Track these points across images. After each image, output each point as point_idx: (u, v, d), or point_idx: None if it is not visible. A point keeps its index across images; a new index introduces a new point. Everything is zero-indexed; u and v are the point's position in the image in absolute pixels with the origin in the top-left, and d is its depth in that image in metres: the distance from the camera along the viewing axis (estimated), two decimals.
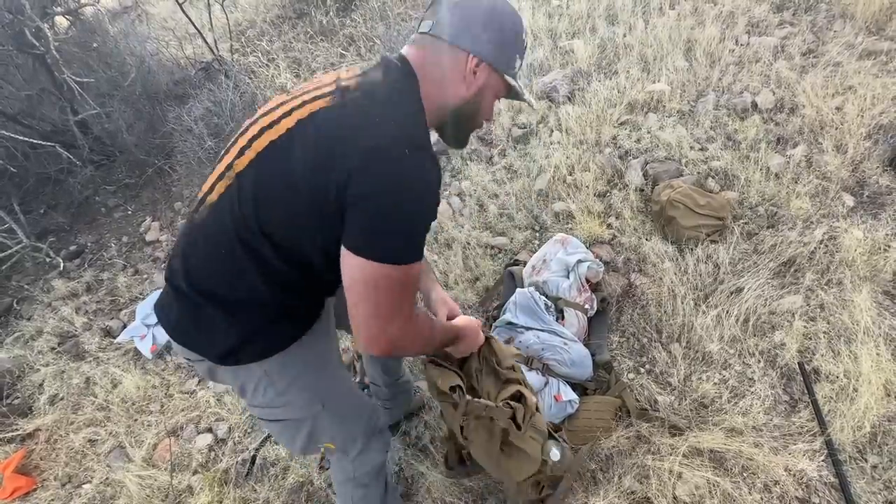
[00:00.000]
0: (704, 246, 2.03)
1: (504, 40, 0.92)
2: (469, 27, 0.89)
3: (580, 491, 1.49)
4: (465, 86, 0.92)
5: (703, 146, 2.47)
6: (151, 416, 2.06)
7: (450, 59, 0.90)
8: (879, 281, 1.77)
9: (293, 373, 1.01)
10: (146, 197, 3.38)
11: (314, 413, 1.06)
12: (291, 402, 1.03)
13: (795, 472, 1.36)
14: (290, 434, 1.09)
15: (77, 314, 2.57)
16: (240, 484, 1.77)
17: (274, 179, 0.84)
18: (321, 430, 1.09)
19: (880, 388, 1.45)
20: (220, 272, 0.90)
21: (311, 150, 0.81)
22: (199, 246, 0.92)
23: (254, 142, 0.87)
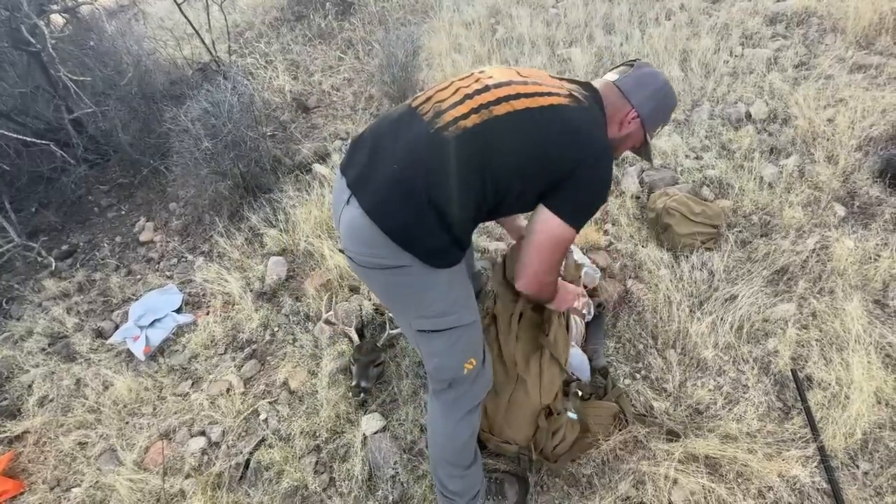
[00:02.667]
0: (699, 253, 2.05)
1: (659, 110, 1.23)
2: (642, 90, 1.20)
3: (576, 496, 1.49)
4: (618, 128, 1.22)
5: (698, 155, 2.50)
6: (143, 418, 2.03)
7: (620, 106, 1.21)
8: (870, 290, 1.80)
9: (462, 281, 1.19)
10: (140, 197, 3.35)
11: (471, 319, 1.20)
12: (461, 310, 1.18)
13: (788, 478, 1.37)
14: (449, 347, 1.19)
15: (68, 315, 2.54)
16: (233, 488, 1.75)
17: (528, 138, 1.07)
18: (473, 339, 1.23)
19: (871, 395, 1.47)
20: (454, 192, 1.05)
21: (562, 134, 1.09)
22: (447, 162, 1.04)
23: (511, 100, 1.08)
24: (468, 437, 1.31)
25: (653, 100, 1.20)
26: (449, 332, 1.17)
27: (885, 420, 1.45)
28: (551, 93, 1.11)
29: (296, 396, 1.98)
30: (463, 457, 1.33)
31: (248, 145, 2.77)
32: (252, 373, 2.11)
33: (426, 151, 1.05)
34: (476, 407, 1.31)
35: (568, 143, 1.09)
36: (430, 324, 1.16)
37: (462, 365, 1.21)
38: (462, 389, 1.26)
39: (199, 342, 2.25)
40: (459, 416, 1.28)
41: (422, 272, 1.09)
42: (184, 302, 2.46)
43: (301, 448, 1.80)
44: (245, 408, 1.97)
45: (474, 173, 1.05)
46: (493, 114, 1.06)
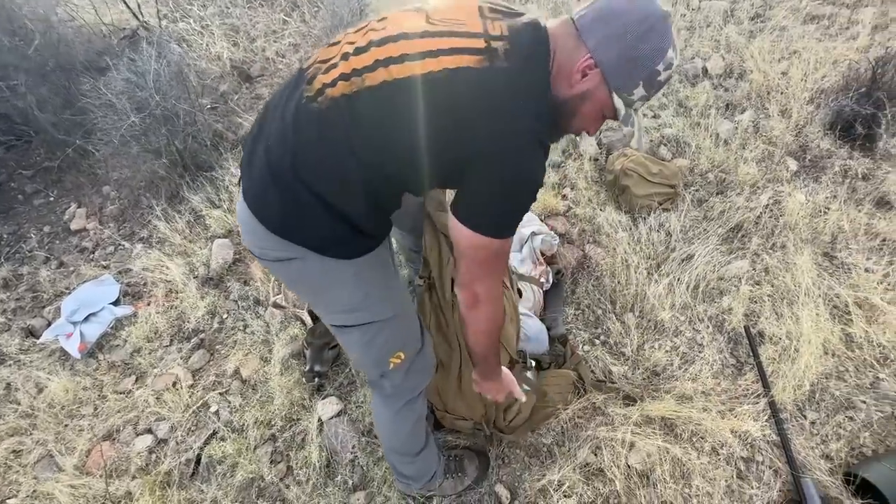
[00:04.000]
0: (657, 214, 2.03)
1: (633, 59, 0.83)
2: (604, 27, 0.83)
3: (536, 466, 1.48)
4: (568, 84, 0.86)
5: (655, 113, 2.45)
6: (83, 420, 1.90)
7: (571, 52, 0.85)
8: (819, 243, 1.81)
9: (378, 275, 1.02)
10: (69, 181, 3.07)
11: (393, 315, 1.05)
12: (375, 303, 1.02)
13: (741, 433, 1.39)
14: (367, 342, 1.06)
15: None
16: (184, 485, 1.66)
17: (404, 117, 0.82)
18: (397, 334, 1.09)
19: (819, 346, 1.49)
20: (328, 175, 0.87)
21: (449, 112, 0.81)
22: (313, 141, 0.86)
23: (391, 64, 0.83)
24: (411, 427, 1.24)
25: (620, 39, 0.81)
26: (363, 328, 1.03)
27: (832, 370, 1.48)
28: (457, 48, 0.81)
29: (248, 385, 1.89)
30: (410, 445, 1.28)
31: (182, 119, 2.55)
32: (200, 364, 1.99)
33: (292, 127, 0.87)
34: (417, 396, 1.22)
35: (461, 125, 0.81)
36: (341, 319, 1.03)
37: (386, 360, 1.09)
38: (394, 382, 1.17)
39: (141, 335, 2.10)
40: (397, 407, 1.21)
41: (321, 264, 0.94)
42: (122, 293, 2.29)
43: (255, 438, 1.72)
44: (194, 401, 1.86)
45: (347, 156, 0.84)
46: (365, 83, 0.82)
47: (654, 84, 0.86)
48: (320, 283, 0.99)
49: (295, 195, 0.87)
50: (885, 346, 1.49)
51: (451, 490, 1.43)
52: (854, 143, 2.06)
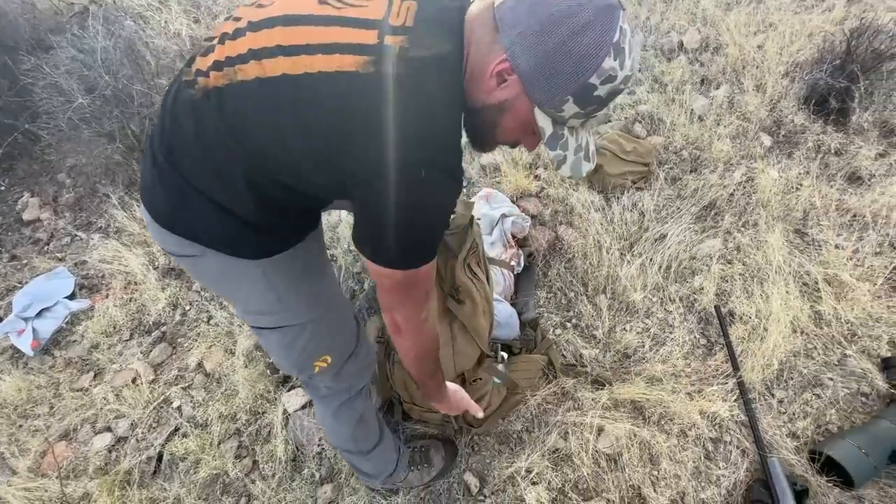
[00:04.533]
0: (630, 194, 1.98)
1: (554, 67, 0.65)
2: (525, 18, 0.65)
3: (506, 453, 1.45)
4: (483, 90, 0.71)
5: (630, 89, 2.39)
6: (38, 420, 1.81)
7: (486, 49, 0.69)
8: (791, 220, 1.79)
9: (293, 275, 0.90)
10: (21, 169, 2.90)
11: (315, 318, 0.96)
12: (291, 306, 0.92)
13: (709, 414, 1.38)
14: (287, 345, 0.97)
15: None
16: (146, 484, 1.61)
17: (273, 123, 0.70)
18: (320, 338, 0.99)
19: (788, 325, 1.48)
20: (209, 173, 0.76)
21: (321, 128, 0.68)
22: (188, 133, 0.75)
23: (264, 58, 0.69)
24: (352, 427, 1.18)
25: (540, 37, 0.64)
26: (280, 331, 0.95)
27: (800, 348, 1.47)
28: (339, 46, 0.66)
29: (212, 379, 1.82)
30: (358, 444, 1.22)
31: (137, 101, 2.40)
32: (162, 358, 1.91)
33: (170, 115, 0.78)
34: (356, 395, 1.15)
35: (335, 146, 0.67)
36: (254, 320, 0.94)
37: (309, 364, 1.00)
38: (323, 384, 1.09)
39: (99, 329, 2.01)
40: (333, 408, 1.14)
41: (222, 263, 0.84)
42: (77, 286, 2.18)
43: (220, 433, 1.66)
44: (155, 397, 1.79)
45: (224, 152, 0.73)
46: (237, 76, 0.70)
47: (591, 100, 0.67)
48: (226, 282, 0.90)
49: (179, 189, 0.78)
50: (852, 323, 1.49)
51: (418, 482, 1.40)
52: (828, 117, 2.03)
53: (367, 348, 1.15)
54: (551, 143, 0.74)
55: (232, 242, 0.82)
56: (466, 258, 1.45)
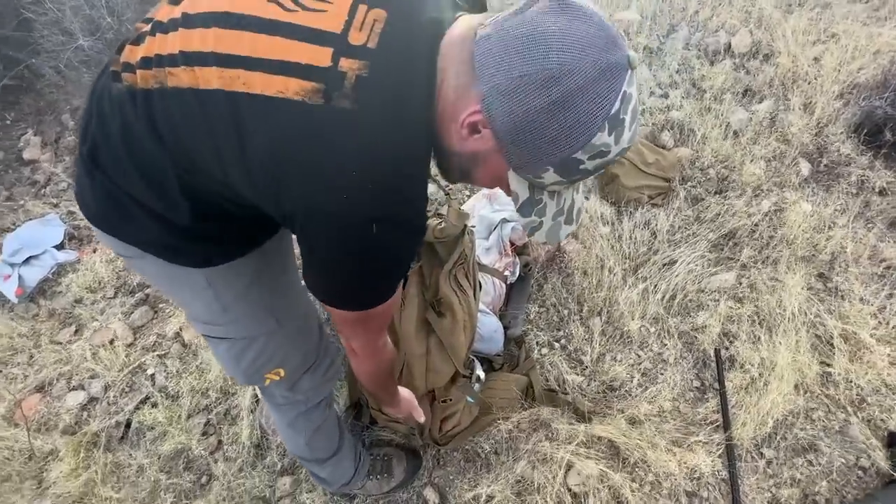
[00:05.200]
0: (645, 210, 1.84)
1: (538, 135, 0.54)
2: (504, 64, 0.53)
3: (471, 472, 1.40)
4: (455, 137, 0.60)
5: (665, 92, 2.19)
6: (17, 368, 1.82)
7: (460, 91, 0.58)
8: (817, 262, 1.64)
9: (241, 285, 0.82)
10: (27, 104, 2.85)
11: (267, 331, 0.89)
12: (239, 318, 0.85)
13: (690, 467, 1.29)
14: (234, 356, 0.91)
15: None
16: (112, 448, 1.61)
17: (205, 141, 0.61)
18: (272, 352, 0.92)
19: (791, 383, 1.36)
20: (137, 179, 0.66)
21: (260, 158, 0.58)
22: (114, 132, 0.65)
23: (196, 65, 0.60)
24: (309, 437, 1.12)
25: (520, 101, 0.53)
26: (228, 342, 0.88)
27: (801, 408, 1.36)
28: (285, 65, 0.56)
29: (189, 350, 1.79)
30: (314, 453, 1.17)
31: None
32: (142, 321, 1.88)
33: (96, 107, 0.68)
34: (311, 408, 1.08)
35: (275, 177, 0.59)
36: (201, 328, 0.88)
37: (259, 376, 0.94)
38: (279, 393, 1.03)
39: (84, 284, 1.99)
40: (290, 418, 1.08)
41: (162, 268, 0.76)
42: (67, 236, 2.15)
43: (189, 407, 1.64)
44: (131, 361, 1.78)
45: (152, 157, 0.64)
46: (168, 82, 0.61)
47: (576, 172, 0.58)
48: (169, 286, 0.83)
49: (106, 190, 0.69)
50: (863, 389, 1.37)
51: (376, 490, 1.36)
52: (878, 151, 1.83)
53: (329, 361, 1.08)
54: (525, 209, 0.64)
55: (170, 249, 0.74)
56: (453, 269, 1.36)
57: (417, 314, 1.31)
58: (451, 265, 1.34)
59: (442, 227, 1.37)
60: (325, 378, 1.07)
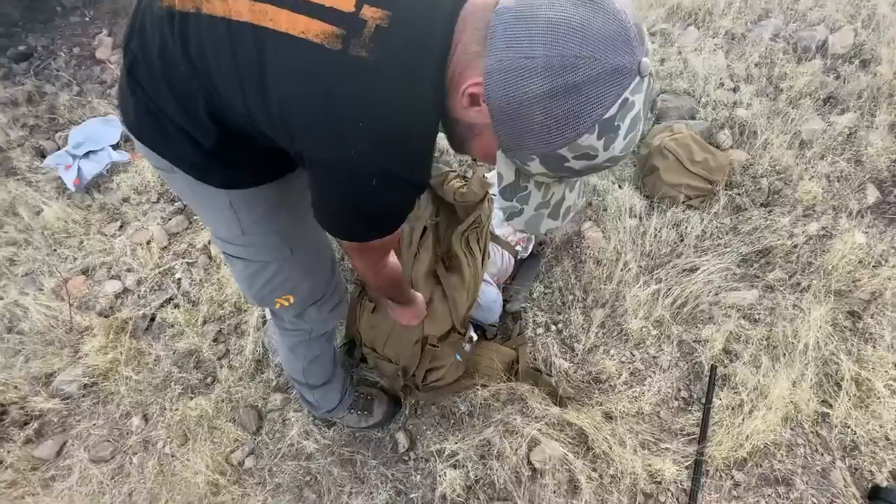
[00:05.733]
0: (678, 209, 1.75)
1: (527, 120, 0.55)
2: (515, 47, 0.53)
3: (443, 427, 1.47)
4: (458, 104, 0.61)
5: (736, 86, 2.01)
6: (68, 250, 2.03)
7: (469, 59, 0.58)
8: (852, 299, 1.52)
9: (261, 211, 0.88)
10: (106, 4, 2.98)
11: (281, 258, 0.95)
12: (256, 242, 0.92)
13: (653, 470, 1.30)
14: (249, 277, 0.98)
15: (13, 126, 2.43)
16: (137, 336, 1.80)
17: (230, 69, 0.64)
18: (284, 280, 0.99)
19: (780, 414, 1.32)
20: (171, 98, 0.71)
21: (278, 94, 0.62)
22: (152, 49, 0.69)
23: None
24: (306, 364, 1.22)
25: (517, 82, 0.53)
26: (244, 262, 0.94)
27: (785, 441, 1.32)
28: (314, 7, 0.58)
29: (213, 263, 1.93)
30: (308, 378, 1.27)
31: None
32: (178, 229, 2.03)
33: (139, 24, 0.70)
34: (316, 338, 1.17)
35: (289, 114, 0.61)
36: (221, 245, 0.94)
37: (270, 300, 1.01)
38: (287, 319, 1.11)
39: (132, 185, 2.15)
40: (292, 342, 1.17)
41: (190, 184, 0.81)
42: (123, 137, 2.30)
43: (206, 315, 1.79)
44: (162, 263, 1.94)
45: (182, 77, 0.67)
46: (203, 8, 0.63)
47: (562, 169, 0.58)
48: (195, 202, 0.90)
49: (143, 104, 0.73)
50: (858, 436, 1.30)
51: (354, 424, 1.46)
52: None
53: (338, 298, 1.15)
54: (507, 192, 0.64)
55: (197, 167, 0.79)
56: (466, 231, 1.39)
57: (428, 265, 1.37)
58: (465, 227, 1.37)
59: (464, 192, 1.39)
60: (331, 314, 1.15)
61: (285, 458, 1.48)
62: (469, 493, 1.33)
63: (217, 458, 1.48)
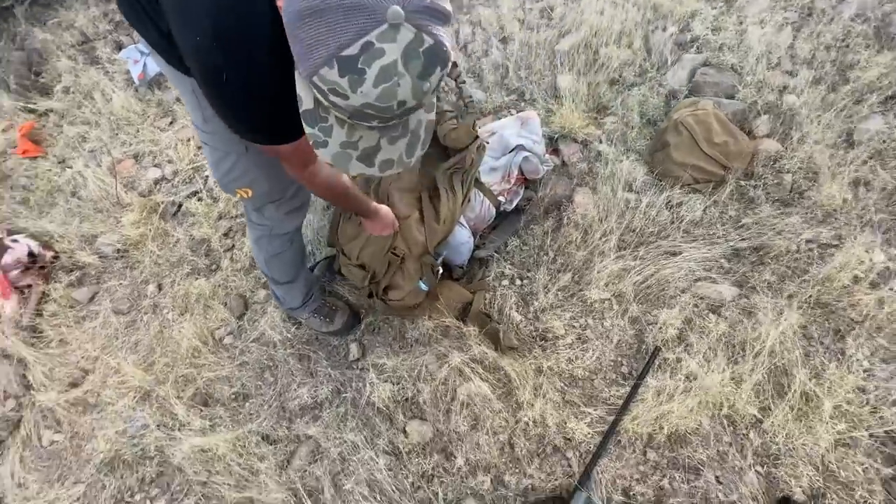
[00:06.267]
0: (682, 191, 1.66)
1: (293, 39, 0.59)
2: None
3: (391, 345, 1.60)
4: None
5: (794, 69, 1.80)
6: (125, 135, 2.33)
7: None
8: (838, 315, 1.40)
9: None
10: None
11: (238, 151, 1.04)
12: (217, 131, 1.01)
13: (566, 427, 1.35)
14: (214, 162, 1.09)
15: (102, 20, 2.73)
16: (166, 218, 2.07)
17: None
18: (242, 172, 1.09)
19: (705, 406, 1.29)
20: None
21: None
22: None
23: None
24: (266, 258, 1.36)
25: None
26: (209, 148, 1.05)
27: (707, 433, 1.30)
28: None
29: None
30: (272, 272, 1.42)
31: None
32: None
33: None
34: (277, 236, 1.29)
35: (182, 17, 0.72)
36: (195, 131, 1.06)
37: (231, 188, 1.12)
38: (249, 212, 1.24)
39: None
40: (255, 235, 1.31)
41: (169, 68, 0.93)
42: None
43: (221, 211, 2.02)
44: (195, 160, 2.17)
45: None
46: None
47: (325, 100, 0.62)
48: (174, 85, 1.01)
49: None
50: (784, 449, 1.25)
51: (316, 328, 1.63)
52: None
53: (297, 203, 1.26)
54: (307, 118, 0.68)
55: (163, 50, 0.91)
56: (450, 170, 1.46)
57: (411, 185, 1.48)
58: (449, 166, 1.44)
59: (454, 137, 1.44)
60: (287, 216, 1.27)
61: (256, 342, 1.69)
62: (395, 406, 1.47)
63: (204, 331, 1.72)
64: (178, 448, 1.50)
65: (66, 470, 1.59)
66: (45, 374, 1.75)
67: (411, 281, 1.50)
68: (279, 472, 1.43)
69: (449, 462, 1.37)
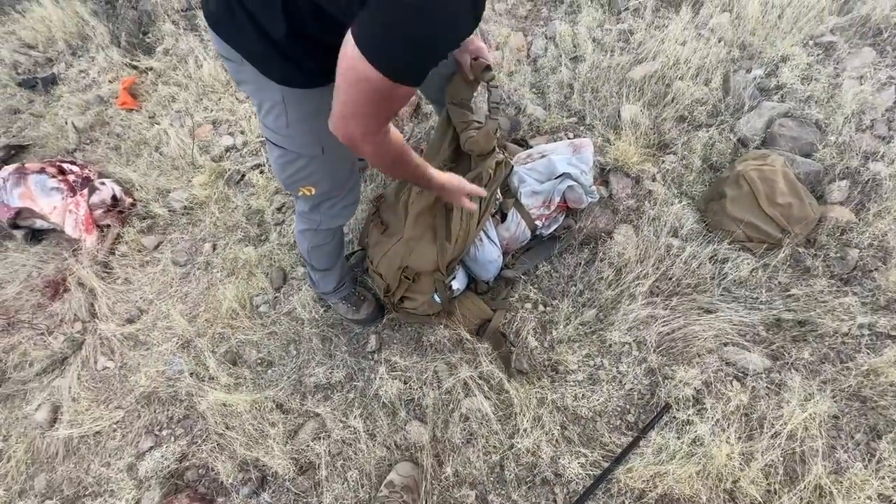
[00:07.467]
0: (732, 246, 1.58)
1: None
2: None
3: (407, 346, 1.66)
4: None
5: (887, 136, 1.64)
6: (209, 102, 2.52)
7: None
8: (877, 411, 1.30)
9: (307, 110, 1.02)
10: None
11: (312, 154, 1.10)
12: (295, 136, 1.05)
13: (560, 463, 1.36)
14: (282, 164, 1.14)
15: None
16: (230, 185, 2.24)
17: None
18: (310, 173, 1.15)
19: (706, 475, 1.25)
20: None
21: None
22: None
23: None
24: (308, 248, 1.45)
25: None
26: (280, 151, 1.09)
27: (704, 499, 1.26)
28: None
29: None
30: (312, 260, 1.51)
31: None
32: None
33: None
34: (323, 231, 1.37)
35: None
36: (266, 132, 1.08)
37: (295, 187, 1.18)
38: (302, 205, 1.32)
39: None
40: (301, 227, 1.40)
41: (255, 76, 0.93)
42: None
43: (278, 187, 2.15)
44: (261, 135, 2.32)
45: None
46: None
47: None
48: (254, 92, 1.02)
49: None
50: None
51: (343, 313, 1.72)
52: None
53: (351, 199, 1.35)
54: None
55: (262, 61, 0.93)
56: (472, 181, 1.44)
57: (430, 207, 1.47)
58: (471, 178, 1.43)
59: (473, 141, 1.40)
60: (339, 213, 1.35)
61: (287, 315, 1.81)
62: (400, 404, 1.53)
63: (244, 296, 1.87)
64: (204, 398, 1.65)
65: (112, 395, 1.81)
66: (108, 307, 1.98)
67: (424, 294, 1.54)
68: (286, 440, 1.55)
69: (438, 468, 1.42)
